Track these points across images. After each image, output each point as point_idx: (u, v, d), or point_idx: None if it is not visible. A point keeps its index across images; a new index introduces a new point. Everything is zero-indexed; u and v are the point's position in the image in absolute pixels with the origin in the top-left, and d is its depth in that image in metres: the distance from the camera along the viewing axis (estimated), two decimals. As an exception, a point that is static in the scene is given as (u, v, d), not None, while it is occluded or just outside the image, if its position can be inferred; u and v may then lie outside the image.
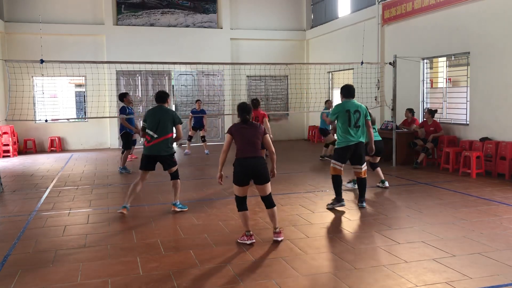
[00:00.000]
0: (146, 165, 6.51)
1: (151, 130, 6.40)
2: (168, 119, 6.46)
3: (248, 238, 5.13)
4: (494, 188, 8.02)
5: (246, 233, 5.18)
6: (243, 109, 5.17)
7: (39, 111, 15.15)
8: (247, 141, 5.04)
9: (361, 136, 6.59)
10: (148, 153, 6.45)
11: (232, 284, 4.06)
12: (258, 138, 5.10)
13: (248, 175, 5.03)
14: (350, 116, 6.50)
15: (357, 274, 4.23)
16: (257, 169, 5.01)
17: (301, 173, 9.96)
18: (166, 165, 6.57)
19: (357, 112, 6.55)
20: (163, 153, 6.45)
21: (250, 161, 5.01)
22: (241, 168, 5.02)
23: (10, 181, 9.50)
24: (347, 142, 6.51)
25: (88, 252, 5.00)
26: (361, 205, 6.73)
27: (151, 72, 15.56)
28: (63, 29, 15.10)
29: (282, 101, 17.66)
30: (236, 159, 5.08)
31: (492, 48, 9.51)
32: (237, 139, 5.08)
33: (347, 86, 6.77)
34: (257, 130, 5.11)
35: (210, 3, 16.71)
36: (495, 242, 5.06)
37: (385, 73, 12.72)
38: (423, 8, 11.35)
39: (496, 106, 9.47)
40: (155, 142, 6.39)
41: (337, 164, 6.62)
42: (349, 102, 6.64)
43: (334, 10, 16.09)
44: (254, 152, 5.04)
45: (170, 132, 6.51)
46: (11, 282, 4.18)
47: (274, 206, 5.20)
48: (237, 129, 5.10)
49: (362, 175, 6.72)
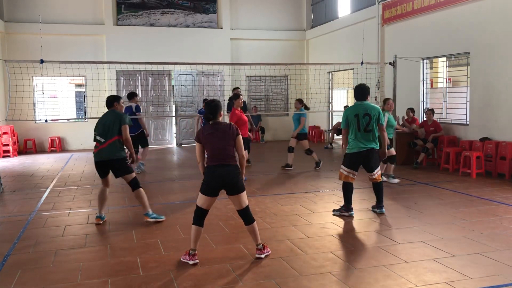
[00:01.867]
0: (100, 173, 6.10)
1: (99, 136, 6.01)
2: (114, 121, 5.99)
3: (190, 258, 4.54)
4: (494, 188, 8.02)
5: (190, 252, 4.57)
6: (208, 107, 4.59)
7: (39, 111, 15.15)
8: (216, 147, 4.50)
9: (373, 142, 6.13)
10: (97, 159, 6.02)
11: (232, 284, 4.06)
12: (229, 143, 4.52)
13: (218, 185, 4.50)
14: (359, 121, 6.06)
15: (357, 274, 4.23)
16: (229, 177, 4.47)
17: (301, 173, 9.96)
18: (118, 172, 6.02)
19: (366, 115, 6.07)
20: (112, 156, 5.94)
21: (220, 170, 4.47)
22: (211, 177, 4.49)
23: (10, 181, 9.50)
24: (358, 148, 6.08)
25: (88, 252, 5.00)
26: (380, 211, 6.37)
27: (151, 72, 15.57)
28: (63, 29, 15.11)
29: (282, 101, 17.66)
30: (206, 166, 4.58)
31: (492, 48, 9.51)
32: (206, 147, 4.54)
33: (358, 87, 6.31)
34: (227, 134, 4.52)
35: (210, 3, 16.72)
36: (495, 242, 5.06)
37: (385, 73, 12.72)
38: (423, 8, 11.36)
39: (496, 106, 9.47)
40: (103, 147, 5.95)
41: (349, 172, 6.19)
42: (361, 105, 6.18)
43: (334, 10, 16.09)
44: (225, 159, 4.49)
45: (116, 135, 5.97)
46: (11, 282, 4.18)
47: (254, 221, 4.66)
48: (205, 136, 4.52)
49: (377, 179, 6.33)
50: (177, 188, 8.68)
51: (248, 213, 4.65)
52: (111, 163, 5.99)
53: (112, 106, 6.21)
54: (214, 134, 4.51)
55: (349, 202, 6.30)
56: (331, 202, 7.12)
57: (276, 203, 7.12)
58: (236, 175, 4.52)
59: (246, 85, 16.91)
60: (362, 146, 6.07)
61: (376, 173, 6.27)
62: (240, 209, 4.63)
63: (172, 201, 7.45)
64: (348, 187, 6.27)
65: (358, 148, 6.08)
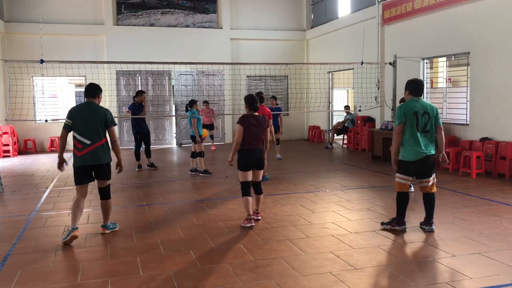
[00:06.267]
0: (82, 178, 5.38)
1: (80, 135, 5.30)
2: (98, 119, 5.31)
3: (248, 221, 5.78)
4: (494, 188, 8.02)
5: (248, 217, 5.81)
6: (253, 100, 5.92)
7: (39, 111, 15.15)
8: (254, 136, 5.80)
9: (431, 146, 5.40)
10: (81, 164, 5.31)
11: (232, 284, 4.06)
12: (263, 133, 5.92)
13: (252, 163, 5.81)
14: (418, 119, 5.32)
15: (357, 274, 4.23)
16: (259, 157, 5.86)
17: (301, 173, 9.96)
18: (101, 176, 5.43)
19: (426, 114, 5.35)
20: (101, 161, 5.35)
21: (254, 151, 5.80)
22: (247, 157, 5.77)
23: (10, 181, 9.50)
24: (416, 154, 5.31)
25: (88, 252, 5.00)
26: (430, 228, 5.47)
27: (151, 72, 15.57)
28: (63, 29, 15.11)
29: (282, 101, 17.65)
30: (241, 149, 5.80)
31: (492, 48, 9.51)
32: (245, 133, 5.74)
33: (417, 81, 5.53)
34: (263, 127, 5.89)
35: (210, 3, 16.71)
36: (495, 242, 5.06)
37: (385, 73, 12.72)
38: (423, 8, 11.35)
39: (496, 106, 9.47)
40: (89, 150, 5.29)
41: (405, 179, 5.42)
42: (418, 101, 5.42)
43: (334, 10, 16.09)
44: (258, 145, 5.86)
45: (104, 136, 5.38)
46: (11, 282, 4.18)
47: (262, 193, 6.09)
48: (248, 125, 5.76)
49: (429, 189, 5.49)
50: (177, 188, 8.68)
51: (260, 185, 6.06)
52: (99, 167, 5.38)
53: (97, 96, 5.48)
54: (255, 125, 5.80)
55: (403, 215, 5.48)
56: (331, 202, 7.12)
57: (276, 203, 7.11)
58: (263, 156, 5.97)
59: (246, 85, 16.91)
60: (420, 152, 5.31)
61: (432, 179, 5.49)
62: (257, 180, 5.99)
63: (172, 201, 7.45)
64: (404, 198, 5.46)
65: (416, 154, 5.31)
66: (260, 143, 5.91)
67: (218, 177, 9.51)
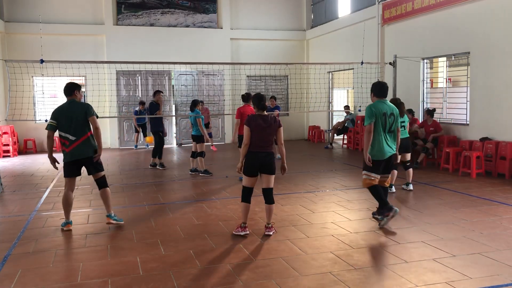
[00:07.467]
0: (71, 171, 5.73)
1: (65, 132, 5.61)
2: (80, 115, 5.59)
3: (242, 230, 5.40)
4: (494, 188, 8.02)
5: (241, 225, 5.43)
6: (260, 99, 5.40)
7: (39, 111, 15.16)
8: (263, 138, 5.31)
9: (394, 145, 5.82)
10: (70, 159, 5.66)
11: (232, 284, 4.06)
12: (273, 135, 5.39)
13: (258, 167, 5.32)
14: (386, 120, 5.66)
15: (357, 274, 4.23)
16: (264, 161, 5.31)
17: (301, 173, 9.96)
18: (92, 168, 5.76)
19: (392, 115, 5.72)
20: (89, 154, 5.67)
21: (261, 155, 5.30)
22: (252, 161, 5.30)
23: (10, 181, 9.50)
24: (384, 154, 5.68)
25: (88, 252, 5.00)
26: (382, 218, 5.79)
27: (151, 72, 15.57)
28: (63, 29, 15.11)
29: (282, 101, 17.65)
30: (248, 151, 5.33)
31: (492, 48, 9.51)
32: (253, 134, 5.29)
33: (381, 83, 5.90)
34: (272, 127, 5.34)
35: (210, 3, 16.72)
36: (495, 242, 5.06)
37: (385, 73, 12.72)
38: (423, 8, 11.35)
39: (496, 106, 9.47)
40: (76, 145, 5.61)
41: (372, 176, 5.74)
42: (385, 103, 5.76)
43: (334, 10, 16.09)
44: (266, 148, 5.35)
45: (88, 130, 5.68)
46: (11, 282, 4.18)
47: (274, 203, 5.43)
48: (256, 125, 5.28)
49: (387, 183, 6.00)
50: (177, 188, 8.68)
51: (271, 194, 5.40)
52: (86, 160, 5.70)
53: (72, 94, 5.73)
54: (264, 126, 5.29)
55: (385, 202, 5.71)
56: (331, 202, 7.12)
57: (276, 203, 7.06)
58: (272, 160, 5.37)
59: (246, 85, 16.91)
60: (388, 151, 5.70)
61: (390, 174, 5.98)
62: (267, 187, 5.37)
63: (172, 201, 7.45)
64: (376, 189, 5.75)
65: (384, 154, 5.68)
66: (270, 146, 5.35)
67: (218, 177, 9.51)
